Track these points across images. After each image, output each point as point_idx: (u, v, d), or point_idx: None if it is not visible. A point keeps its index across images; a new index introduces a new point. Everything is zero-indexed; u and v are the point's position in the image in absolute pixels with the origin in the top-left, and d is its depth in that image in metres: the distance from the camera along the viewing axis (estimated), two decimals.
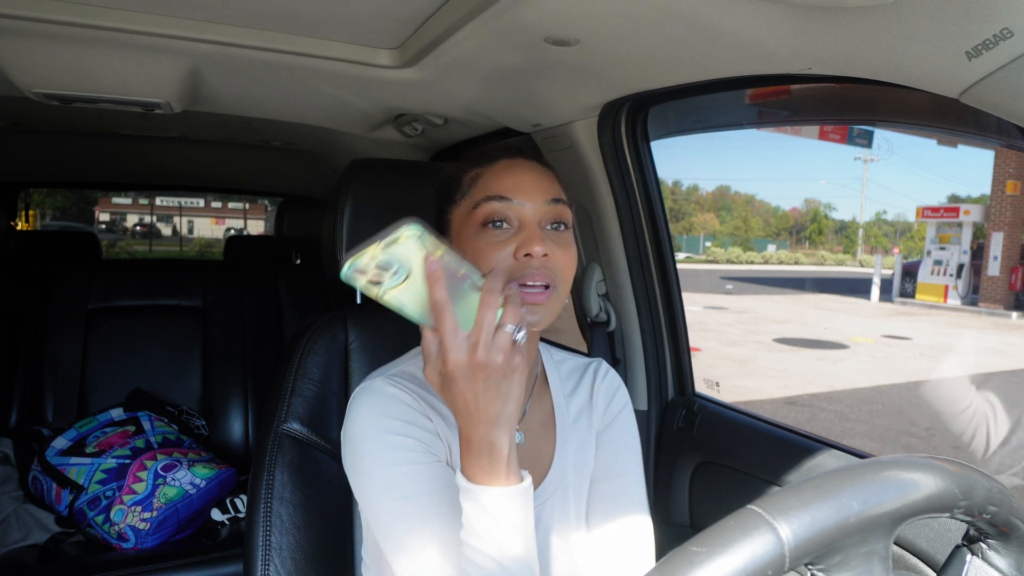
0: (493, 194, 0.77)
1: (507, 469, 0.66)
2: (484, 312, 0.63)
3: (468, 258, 0.69)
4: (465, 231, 0.78)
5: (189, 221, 33.93)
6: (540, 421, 0.88)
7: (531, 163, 0.81)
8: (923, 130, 5.16)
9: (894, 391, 6.46)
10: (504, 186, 0.77)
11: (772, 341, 9.12)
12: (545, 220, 0.78)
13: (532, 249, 0.74)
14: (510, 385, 0.64)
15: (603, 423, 0.92)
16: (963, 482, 0.48)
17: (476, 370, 0.63)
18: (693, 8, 0.80)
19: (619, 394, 0.94)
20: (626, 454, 0.91)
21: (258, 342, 2.33)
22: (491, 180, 0.78)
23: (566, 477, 0.86)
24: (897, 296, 15.19)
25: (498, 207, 0.76)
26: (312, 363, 1.05)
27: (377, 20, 1.07)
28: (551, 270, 0.76)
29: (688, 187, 61.38)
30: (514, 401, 0.65)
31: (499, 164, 0.80)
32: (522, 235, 0.75)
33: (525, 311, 0.70)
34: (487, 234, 0.76)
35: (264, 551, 0.97)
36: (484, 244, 0.75)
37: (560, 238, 0.78)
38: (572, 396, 0.92)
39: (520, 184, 0.77)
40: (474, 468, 0.66)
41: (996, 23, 0.60)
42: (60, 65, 1.21)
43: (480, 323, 0.63)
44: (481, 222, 0.76)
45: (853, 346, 8.97)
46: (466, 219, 0.78)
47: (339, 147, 2.12)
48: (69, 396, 2.09)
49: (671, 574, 0.40)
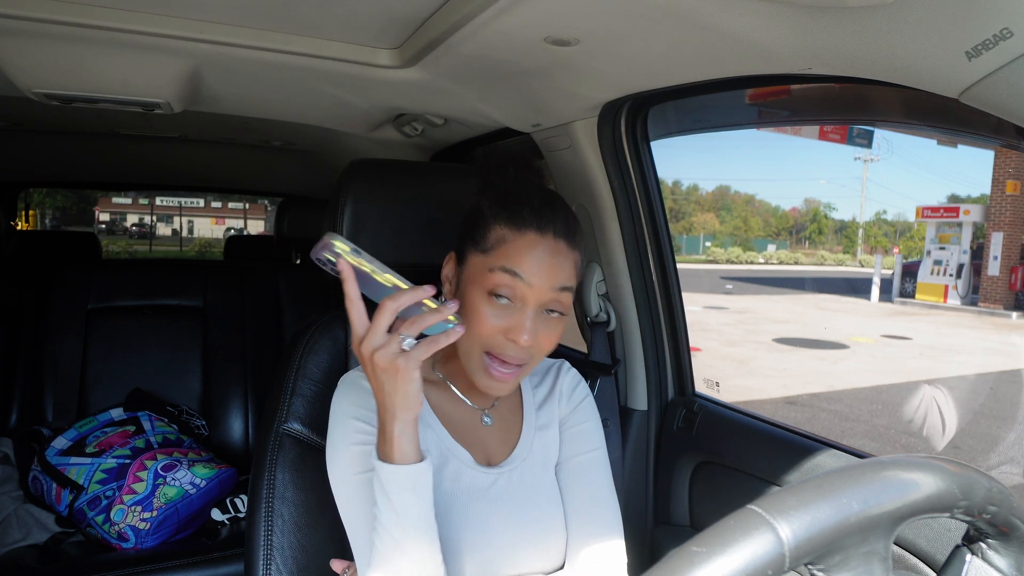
0: (509, 267, 0.82)
1: (397, 451, 0.74)
2: (377, 317, 0.71)
3: (466, 308, 0.83)
4: (473, 285, 0.84)
5: (189, 221, 33.94)
6: (509, 408, 0.98)
7: (558, 244, 0.84)
8: (923, 130, 5.16)
9: (894, 391, 6.46)
10: (522, 263, 0.82)
11: (772, 341, 9.12)
12: (545, 305, 0.84)
13: (520, 338, 0.81)
14: (394, 382, 0.72)
15: (567, 411, 1.01)
16: (963, 482, 0.48)
17: (366, 363, 0.73)
18: (693, 8, 0.80)
19: (580, 387, 1.04)
20: (590, 435, 1.00)
21: (258, 342, 2.33)
22: (512, 252, 0.83)
23: (532, 449, 0.96)
24: (897, 296, 15.19)
25: (508, 281, 0.82)
26: (312, 363, 1.05)
27: (377, 20, 1.07)
28: (530, 352, 0.84)
29: (688, 187, 61.37)
30: (400, 395, 0.72)
31: (527, 237, 0.83)
32: (517, 318, 0.82)
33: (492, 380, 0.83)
34: (490, 303, 0.83)
35: (266, 551, 0.97)
36: (483, 310, 0.82)
37: (551, 323, 0.85)
38: (537, 388, 1.02)
39: (537, 266, 0.82)
40: (379, 445, 0.76)
41: (996, 23, 0.60)
42: (60, 65, 1.21)
43: (373, 326, 0.72)
44: (488, 289, 0.83)
45: (853, 346, 8.97)
46: (479, 274, 0.84)
47: (339, 147, 2.12)
48: (69, 396, 2.09)
49: (671, 574, 0.40)
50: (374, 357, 0.72)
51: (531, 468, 0.94)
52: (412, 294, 0.72)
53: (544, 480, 0.95)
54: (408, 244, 1.10)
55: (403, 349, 0.72)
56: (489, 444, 0.94)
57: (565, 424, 1.00)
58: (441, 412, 0.92)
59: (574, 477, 0.96)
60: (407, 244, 1.10)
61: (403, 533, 0.74)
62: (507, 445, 0.95)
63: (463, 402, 0.95)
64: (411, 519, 0.74)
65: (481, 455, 0.92)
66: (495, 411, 0.97)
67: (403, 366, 0.71)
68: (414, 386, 0.73)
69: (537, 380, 1.03)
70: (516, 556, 0.88)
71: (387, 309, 0.71)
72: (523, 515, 0.90)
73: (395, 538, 0.74)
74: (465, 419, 0.94)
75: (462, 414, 0.94)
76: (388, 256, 1.11)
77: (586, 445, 0.98)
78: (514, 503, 0.90)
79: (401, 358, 0.71)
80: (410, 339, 0.72)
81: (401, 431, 0.74)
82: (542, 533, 0.91)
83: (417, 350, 0.72)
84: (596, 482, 0.96)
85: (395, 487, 0.74)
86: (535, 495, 0.93)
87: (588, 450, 0.98)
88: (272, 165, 2.75)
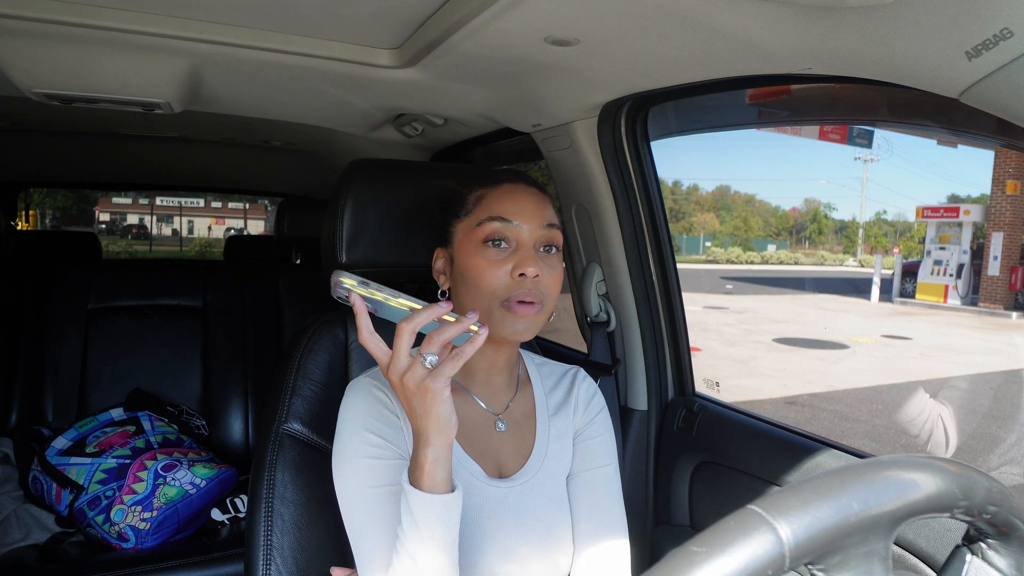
0: (495, 215, 0.86)
1: (428, 478, 0.72)
2: (396, 341, 0.71)
3: (468, 272, 0.85)
4: (467, 245, 0.87)
5: (189, 221, 33.95)
6: (522, 413, 0.96)
7: (531, 189, 0.90)
8: (923, 130, 5.16)
9: (894, 391, 6.46)
10: (506, 208, 0.86)
11: (772, 341, 9.12)
12: (539, 243, 0.87)
13: (527, 270, 0.83)
14: (424, 404, 0.71)
15: (583, 422, 0.99)
16: (963, 482, 0.48)
17: (398, 389, 0.72)
18: (693, 8, 0.80)
19: (596, 397, 1.02)
20: (603, 449, 0.99)
21: (258, 342, 2.33)
22: (494, 202, 0.88)
23: (545, 461, 0.94)
24: (897, 296, 15.19)
25: (499, 227, 0.85)
26: (313, 363, 1.05)
27: (377, 20, 1.07)
28: (540, 291, 0.85)
29: (688, 187, 61.28)
30: (433, 418, 0.71)
31: (502, 187, 0.89)
32: (518, 256, 0.85)
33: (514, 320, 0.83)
34: (487, 252, 0.85)
35: (265, 551, 0.97)
36: (483, 262, 0.85)
37: (551, 260, 0.87)
38: (551, 393, 1.00)
39: (520, 208, 0.87)
40: (411, 469, 0.74)
41: (996, 23, 0.60)
42: (60, 65, 1.21)
43: (395, 350, 0.72)
44: (482, 240, 0.85)
45: (853, 346, 8.97)
46: (468, 234, 0.87)
47: (339, 147, 2.12)
48: (69, 396, 2.09)
49: (671, 574, 0.40)
50: (403, 381, 0.71)
51: (543, 481, 0.93)
52: (427, 313, 0.72)
53: (555, 494, 0.93)
54: (408, 244, 1.10)
55: (427, 368, 0.71)
56: (501, 453, 0.92)
57: (579, 436, 0.98)
58: None
59: (584, 491, 0.95)
60: (407, 244, 1.10)
61: (425, 556, 0.73)
62: (520, 455, 0.93)
63: (477, 407, 0.93)
64: (435, 543, 0.73)
65: (492, 466, 0.91)
66: (509, 416, 0.94)
67: (431, 386, 0.70)
68: (446, 407, 0.72)
69: (551, 385, 1.01)
70: (524, 570, 0.87)
71: (404, 331, 0.71)
72: (533, 530, 0.89)
73: (415, 560, 0.73)
74: (478, 427, 0.92)
75: (475, 422, 0.92)
76: (388, 256, 1.12)
77: (599, 460, 0.97)
78: (525, 517, 0.89)
79: (429, 378, 0.70)
80: (432, 356, 0.71)
81: (435, 458, 0.72)
82: (551, 548, 0.90)
83: (443, 366, 0.71)
84: (606, 497, 0.95)
85: (424, 515, 0.72)
86: (546, 509, 0.91)
87: (600, 465, 0.97)
88: (272, 165, 2.75)
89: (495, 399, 0.94)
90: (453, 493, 0.74)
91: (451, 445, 0.74)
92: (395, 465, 0.82)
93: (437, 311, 0.72)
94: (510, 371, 0.96)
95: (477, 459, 0.89)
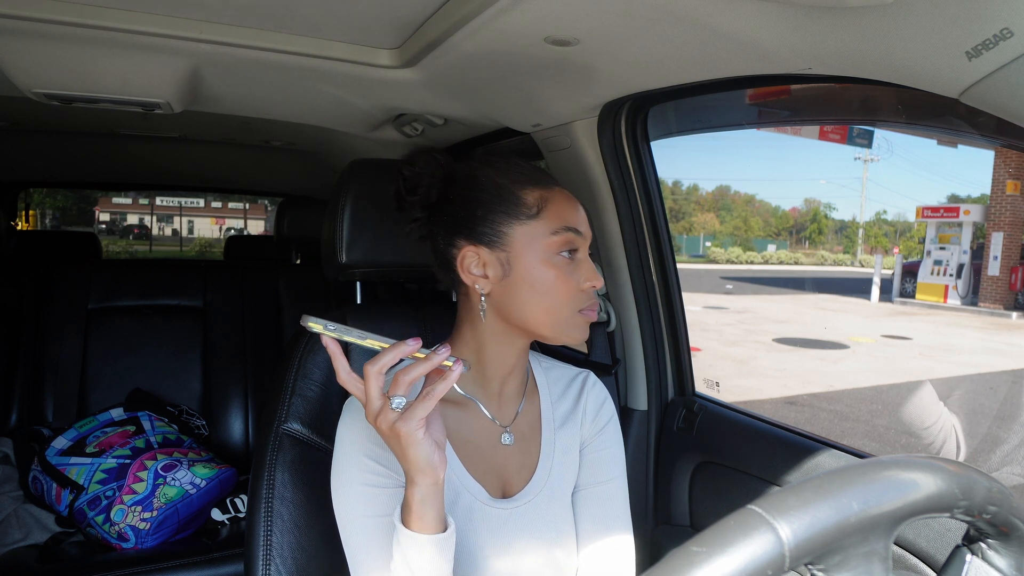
0: (570, 225, 0.84)
1: (417, 519, 0.70)
2: (366, 385, 0.69)
3: (540, 282, 0.82)
4: (534, 252, 0.83)
5: (189, 221, 33.95)
6: (529, 425, 0.93)
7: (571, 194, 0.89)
8: (923, 130, 5.16)
9: (894, 391, 6.46)
10: (573, 218, 0.85)
11: (772, 341, 9.12)
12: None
13: (597, 283, 0.85)
14: (400, 447, 0.69)
15: (591, 433, 0.96)
16: (963, 482, 0.48)
17: (378, 432, 0.70)
18: (693, 8, 0.80)
19: (606, 406, 0.98)
20: (612, 462, 0.96)
21: (258, 342, 2.33)
22: (562, 209, 0.85)
23: (551, 476, 0.91)
24: (897, 296, 15.19)
25: (573, 238, 0.84)
26: (313, 363, 1.05)
27: (377, 20, 1.07)
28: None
29: (688, 187, 61.33)
30: (411, 461, 0.69)
31: (559, 192, 0.86)
32: (585, 267, 0.85)
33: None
34: (561, 262, 0.83)
35: (265, 551, 0.97)
36: (559, 272, 0.83)
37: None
38: (559, 402, 0.96)
39: (580, 217, 0.86)
40: (402, 508, 0.72)
41: (996, 23, 0.60)
42: (60, 65, 1.21)
43: (366, 395, 0.69)
44: (557, 250, 0.83)
45: (853, 346, 8.97)
46: (537, 241, 0.83)
47: (339, 147, 2.12)
48: (69, 396, 2.09)
49: (671, 574, 0.40)
50: (377, 424, 0.69)
51: (547, 499, 0.90)
52: (392, 352, 0.68)
53: (561, 512, 0.91)
54: (408, 244, 1.10)
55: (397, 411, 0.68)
56: (506, 469, 0.89)
57: (587, 447, 0.95)
58: (457, 437, 0.87)
59: (590, 505, 0.92)
60: (407, 244, 1.10)
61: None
62: (525, 471, 0.90)
63: (483, 419, 0.89)
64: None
65: (496, 483, 0.88)
66: (516, 428, 0.91)
67: (403, 430, 0.67)
68: (422, 449, 0.68)
69: (559, 392, 0.97)
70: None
71: (370, 374, 0.68)
72: (537, 549, 0.87)
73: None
74: (483, 442, 0.89)
75: (480, 436, 0.89)
76: (388, 256, 1.12)
77: (607, 473, 0.94)
78: (528, 537, 0.87)
79: (400, 422, 0.67)
80: (399, 399, 0.68)
81: (422, 498, 0.69)
82: (554, 570, 0.88)
83: (413, 408, 0.67)
84: (612, 512, 0.92)
85: (414, 553, 0.70)
86: (551, 527, 0.89)
87: (608, 479, 0.94)
88: (272, 165, 2.75)
89: (504, 409, 0.91)
90: (445, 533, 0.71)
91: (439, 483, 0.71)
92: (394, 494, 0.79)
93: (403, 349, 0.68)
94: (522, 376, 0.93)
95: (480, 478, 0.87)
